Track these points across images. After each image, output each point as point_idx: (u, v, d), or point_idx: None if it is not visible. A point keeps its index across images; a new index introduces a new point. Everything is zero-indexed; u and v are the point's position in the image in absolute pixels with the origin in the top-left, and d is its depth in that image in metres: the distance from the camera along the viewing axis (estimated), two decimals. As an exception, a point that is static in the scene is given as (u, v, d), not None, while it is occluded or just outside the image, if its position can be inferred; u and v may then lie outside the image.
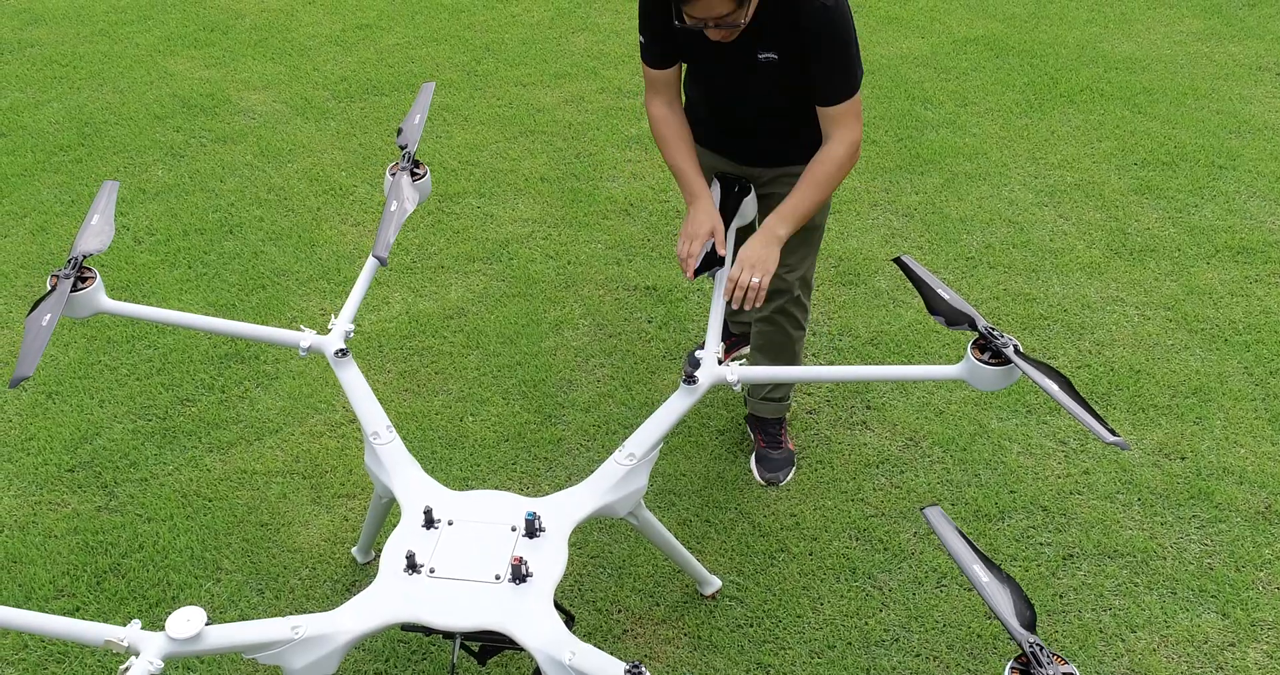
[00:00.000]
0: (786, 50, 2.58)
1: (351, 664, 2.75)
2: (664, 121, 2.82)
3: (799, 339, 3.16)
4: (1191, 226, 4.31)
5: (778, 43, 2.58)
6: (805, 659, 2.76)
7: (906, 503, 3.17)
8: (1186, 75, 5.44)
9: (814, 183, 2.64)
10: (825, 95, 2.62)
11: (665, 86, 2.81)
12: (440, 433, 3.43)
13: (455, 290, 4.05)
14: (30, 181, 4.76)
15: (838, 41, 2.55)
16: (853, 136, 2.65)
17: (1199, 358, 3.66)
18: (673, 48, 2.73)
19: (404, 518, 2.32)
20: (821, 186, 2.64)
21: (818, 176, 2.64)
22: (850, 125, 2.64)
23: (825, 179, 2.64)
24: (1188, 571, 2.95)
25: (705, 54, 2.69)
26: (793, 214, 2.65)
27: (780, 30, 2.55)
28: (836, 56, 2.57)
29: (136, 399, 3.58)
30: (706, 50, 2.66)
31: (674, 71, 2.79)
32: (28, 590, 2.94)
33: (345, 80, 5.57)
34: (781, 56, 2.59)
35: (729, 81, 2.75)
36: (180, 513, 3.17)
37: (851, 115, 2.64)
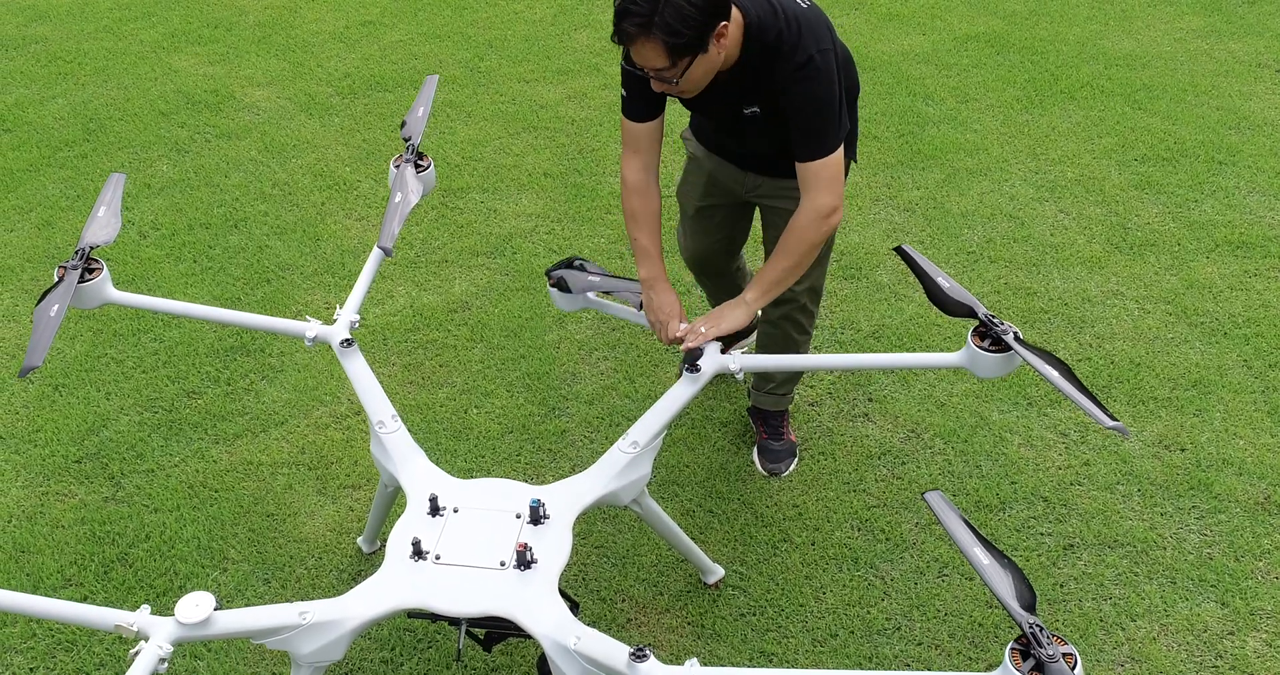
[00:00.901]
0: (768, 104, 2.51)
1: (358, 652, 2.77)
2: (637, 192, 2.69)
3: (803, 343, 3.15)
4: (1191, 221, 4.33)
5: (760, 98, 2.50)
6: (808, 647, 2.78)
7: (908, 493, 3.19)
8: (1186, 72, 5.45)
9: (783, 251, 2.57)
10: (798, 152, 2.51)
11: (646, 145, 2.66)
12: (445, 425, 3.45)
13: (459, 284, 4.08)
14: (36, 176, 4.78)
15: (810, 100, 2.43)
16: (819, 204, 2.51)
17: (1199, 351, 3.68)
18: (649, 104, 2.60)
19: (409, 505, 2.34)
20: (791, 255, 2.56)
21: (787, 245, 2.57)
22: (818, 191, 2.50)
23: (794, 248, 2.55)
24: (1187, 561, 2.97)
25: (692, 104, 2.64)
26: (762, 281, 2.60)
27: (761, 85, 2.47)
28: (807, 116, 2.45)
29: (143, 391, 3.60)
30: (701, 105, 2.60)
31: (656, 126, 2.64)
32: (36, 580, 2.97)
33: (349, 76, 5.59)
34: (763, 111, 2.53)
35: (719, 128, 2.72)
36: (187, 503, 3.19)
37: (823, 178, 2.50)
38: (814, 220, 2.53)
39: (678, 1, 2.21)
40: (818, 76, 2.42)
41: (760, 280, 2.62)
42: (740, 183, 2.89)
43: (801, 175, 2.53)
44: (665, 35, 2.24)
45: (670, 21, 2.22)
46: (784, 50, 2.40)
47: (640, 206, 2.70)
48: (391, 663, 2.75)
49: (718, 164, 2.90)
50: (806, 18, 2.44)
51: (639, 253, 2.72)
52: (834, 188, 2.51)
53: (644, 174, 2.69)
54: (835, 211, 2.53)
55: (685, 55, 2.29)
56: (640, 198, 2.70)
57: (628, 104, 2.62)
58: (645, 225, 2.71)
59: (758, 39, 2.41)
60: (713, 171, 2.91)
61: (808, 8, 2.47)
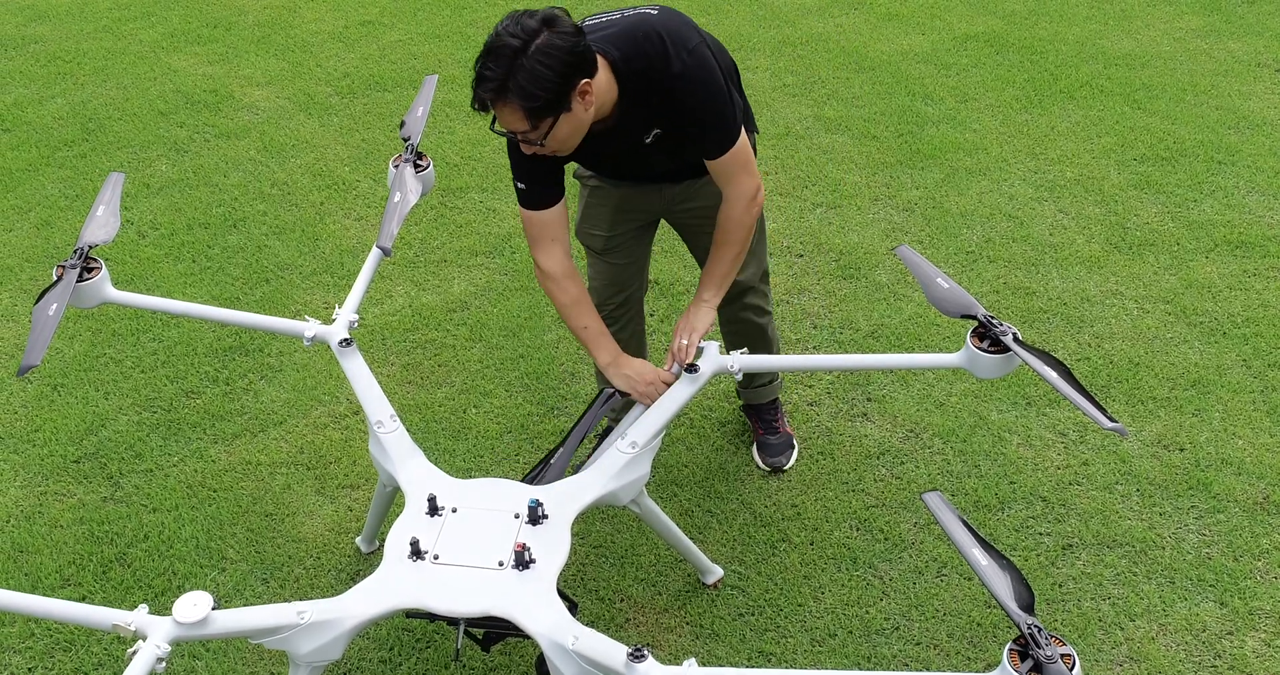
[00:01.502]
0: (669, 120, 2.49)
1: (357, 651, 2.77)
2: (567, 279, 2.62)
3: (768, 323, 3.16)
4: (1190, 221, 4.33)
5: (658, 117, 2.48)
6: (806, 647, 2.78)
7: (907, 493, 3.19)
8: (1186, 71, 5.45)
9: (723, 242, 2.64)
10: (707, 151, 2.53)
11: (557, 231, 2.60)
12: (444, 424, 3.45)
13: (458, 284, 4.08)
14: (35, 176, 4.78)
15: (701, 100, 2.44)
16: (744, 190, 2.58)
17: (1197, 350, 3.68)
18: (558, 166, 2.55)
19: (408, 505, 2.34)
20: (732, 244, 2.64)
21: (724, 237, 2.63)
22: (739, 178, 2.56)
23: (731, 238, 2.63)
24: (1186, 561, 2.97)
25: (595, 157, 2.62)
26: (712, 278, 2.66)
27: (649, 109, 2.45)
28: (703, 115, 2.46)
29: (141, 391, 3.60)
30: (594, 155, 2.57)
31: (561, 209, 2.60)
32: (34, 579, 2.97)
33: (348, 76, 5.59)
34: (666, 128, 2.50)
35: (632, 161, 2.67)
36: (185, 503, 3.19)
37: (738, 166, 2.55)
38: (744, 206, 2.60)
39: (531, 64, 2.18)
40: (698, 75, 2.41)
41: (711, 277, 2.67)
42: (659, 197, 2.83)
43: (718, 171, 2.57)
44: (521, 99, 2.21)
45: (525, 85, 2.19)
46: (658, 67, 2.39)
47: (576, 293, 2.65)
48: (390, 662, 2.75)
49: (629, 187, 2.83)
50: (664, 25, 2.41)
51: (590, 339, 2.67)
52: (750, 170, 2.58)
53: (566, 261, 2.62)
54: (759, 191, 2.61)
55: (545, 116, 2.26)
56: (572, 284, 2.64)
57: (527, 196, 2.56)
58: (587, 309, 2.67)
59: (628, 73, 2.38)
60: (623, 197, 2.85)
61: (658, 13, 2.44)
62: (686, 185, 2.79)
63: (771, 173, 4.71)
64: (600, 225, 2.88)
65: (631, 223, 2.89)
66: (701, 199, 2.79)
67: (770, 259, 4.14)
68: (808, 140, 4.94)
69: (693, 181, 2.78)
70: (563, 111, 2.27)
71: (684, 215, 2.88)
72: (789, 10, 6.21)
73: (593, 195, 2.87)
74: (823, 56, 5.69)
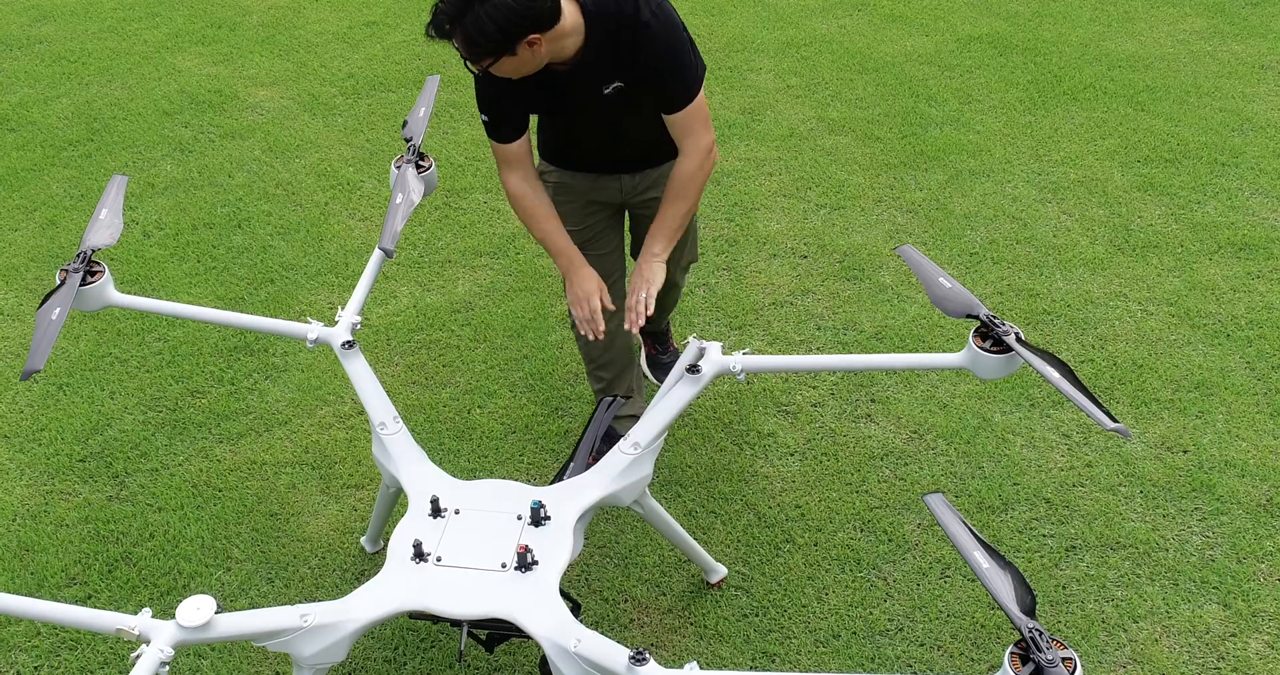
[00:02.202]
0: (629, 74, 2.57)
1: (361, 652, 2.78)
2: (525, 197, 2.77)
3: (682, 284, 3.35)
4: (1194, 223, 4.33)
5: (618, 70, 2.57)
6: (810, 648, 2.78)
7: (910, 495, 3.19)
8: (1189, 73, 5.45)
9: (677, 197, 2.71)
10: (665, 104, 2.63)
11: (519, 161, 2.75)
12: (448, 425, 3.46)
13: (462, 284, 4.08)
14: (40, 176, 4.79)
15: (665, 48, 2.55)
16: (702, 144, 2.68)
17: (1201, 352, 3.68)
18: (520, 111, 2.68)
19: (410, 507, 2.35)
20: (686, 199, 2.71)
21: (678, 191, 2.71)
22: (697, 132, 2.66)
23: (685, 192, 2.70)
24: (1189, 563, 2.97)
25: (557, 103, 2.68)
26: (663, 231, 2.72)
27: (614, 57, 2.54)
28: (666, 65, 2.56)
29: (146, 391, 3.61)
30: (557, 99, 2.65)
31: (525, 143, 2.74)
32: (40, 578, 2.98)
33: (352, 77, 5.60)
34: (627, 82, 2.59)
35: (587, 119, 2.75)
36: (190, 502, 3.20)
37: (697, 120, 2.65)
38: (700, 160, 2.69)
39: (480, 14, 2.31)
40: (664, 26, 2.53)
41: (661, 231, 2.73)
42: (618, 189, 2.93)
43: (677, 123, 2.66)
44: (464, 43, 2.37)
45: (470, 31, 2.33)
46: (627, 13, 2.50)
47: (533, 207, 2.78)
48: (394, 662, 2.76)
49: (590, 181, 2.92)
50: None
51: (552, 248, 2.79)
52: (708, 125, 2.69)
53: (526, 184, 2.77)
54: (714, 145, 2.72)
55: (486, 57, 2.40)
56: (529, 201, 2.78)
57: (492, 128, 2.71)
58: (547, 221, 2.79)
59: (599, 21, 2.50)
60: (586, 191, 2.94)
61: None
62: (644, 175, 2.92)
63: (775, 174, 4.71)
64: (573, 221, 2.95)
65: (600, 214, 2.99)
66: (660, 188, 2.89)
67: (774, 260, 4.15)
68: (811, 141, 4.94)
69: (649, 171, 2.91)
70: (505, 55, 2.39)
71: (643, 206, 2.99)
72: (793, 12, 6.21)
73: (558, 193, 2.94)
74: (826, 58, 5.69)
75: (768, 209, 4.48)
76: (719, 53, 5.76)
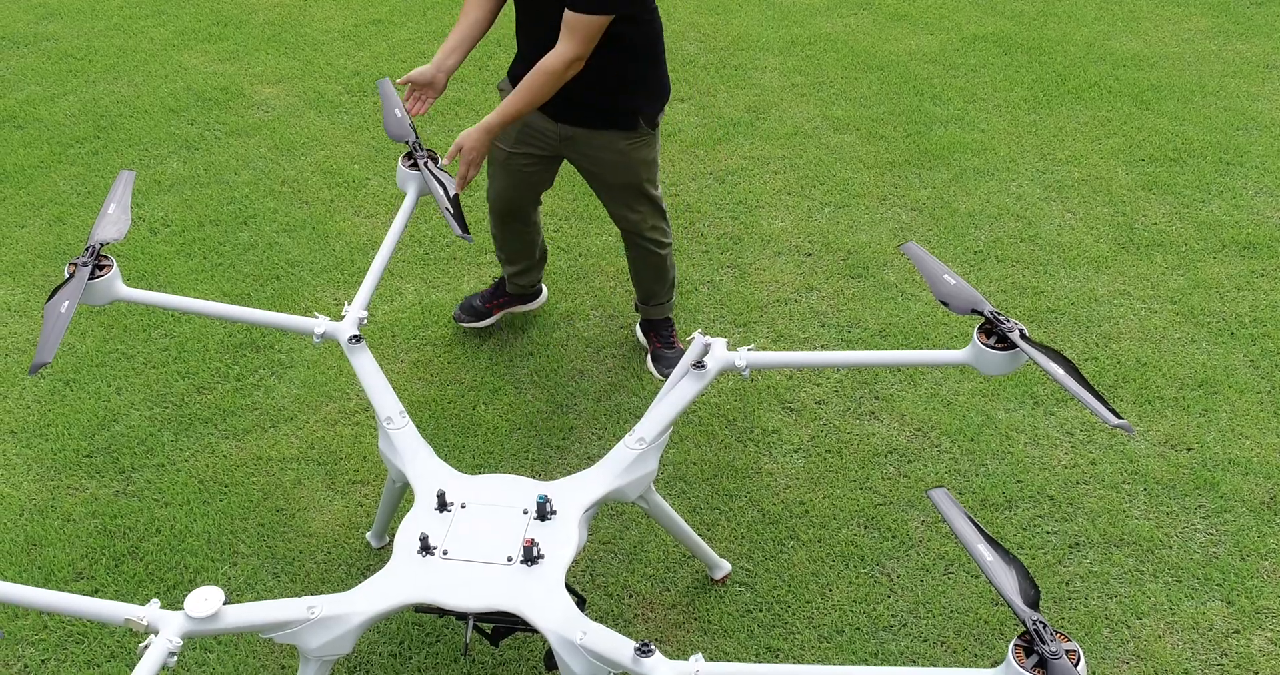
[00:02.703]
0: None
1: (366, 646, 2.79)
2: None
3: (667, 255, 3.51)
4: (1198, 222, 4.33)
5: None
6: (814, 643, 2.79)
7: (915, 491, 3.20)
8: (1194, 73, 5.45)
9: (524, 86, 2.89)
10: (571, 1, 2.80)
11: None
12: (453, 421, 3.47)
13: (468, 281, 4.09)
14: (46, 173, 4.81)
15: None
16: (569, 52, 2.83)
17: (1205, 351, 3.69)
18: None
19: (417, 501, 2.36)
20: (530, 90, 2.88)
21: (527, 82, 2.88)
22: (573, 40, 2.82)
23: (532, 85, 2.88)
24: (1193, 560, 2.98)
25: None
26: (502, 111, 2.92)
27: None
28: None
29: (153, 386, 3.63)
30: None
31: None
32: (47, 572, 2.99)
33: (358, 75, 5.61)
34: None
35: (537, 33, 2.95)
36: (197, 498, 3.22)
37: (583, 31, 2.81)
38: (560, 65, 2.84)
39: None
40: None
41: (502, 110, 2.92)
42: (555, 132, 3.17)
43: (567, 22, 2.82)
44: None
45: None
46: None
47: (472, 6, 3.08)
48: (400, 656, 2.77)
49: (535, 114, 3.12)
50: None
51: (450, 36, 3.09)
52: (589, 43, 2.84)
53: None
54: (579, 61, 2.86)
55: None
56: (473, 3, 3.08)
57: None
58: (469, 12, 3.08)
59: None
60: (529, 120, 3.16)
61: None
62: (579, 132, 3.14)
63: (779, 172, 4.72)
64: (505, 140, 3.24)
65: (533, 147, 3.24)
66: (595, 150, 3.17)
67: (778, 258, 4.16)
68: (816, 140, 4.95)
69: (585, 131, 3.13)
70: None
71: (581, 159, 3.25)
72: (797, 10, 6.22)
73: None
74: (831, 56, 5.70)
75: (772, 207, 4.49)
76: (724, 51, 5.77)
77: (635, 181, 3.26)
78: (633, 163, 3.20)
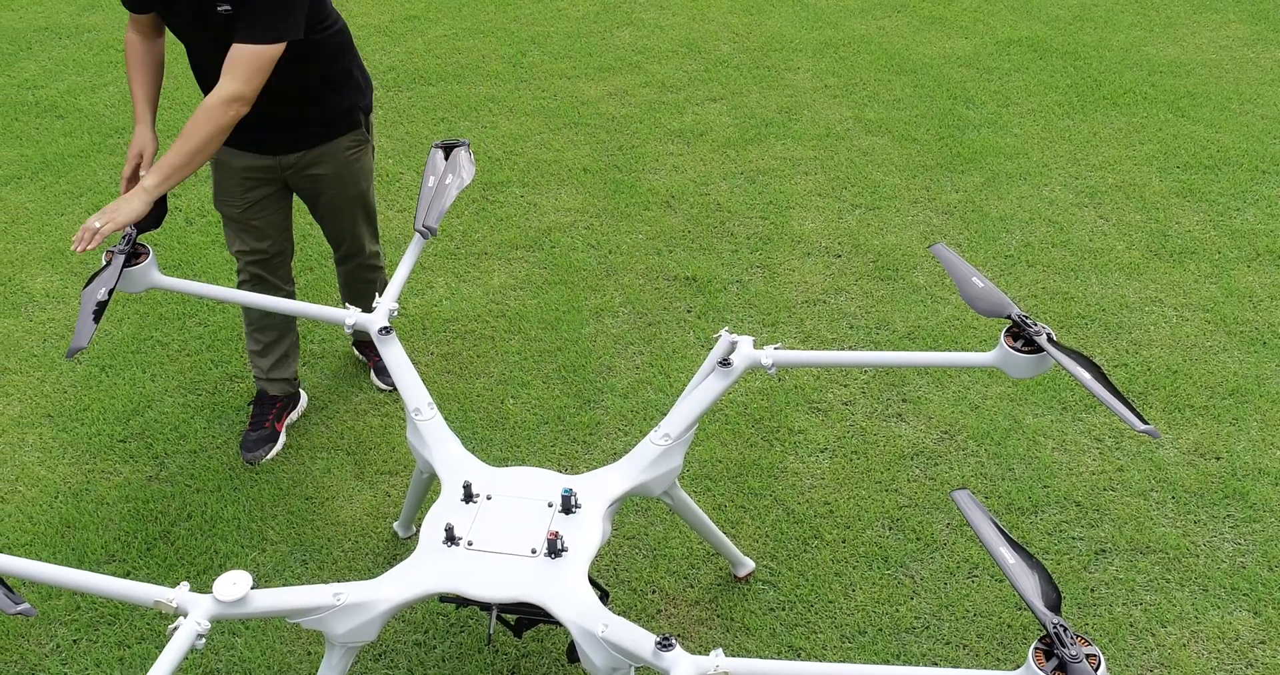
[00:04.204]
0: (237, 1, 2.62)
1: (391, 635, 2.82)
2: (131, 49, 2.89)
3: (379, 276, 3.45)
4: (1233, 230, 4.30)
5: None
6: (836, 643, 2.80)
7: (940, 494, 3.20)
8: (1231, 80, 5.41)
9: (183, 135, 2.64)
10: (240, 31, 2.61)
11: (142, 22, 2.86)
12: (481, 414, 3.49)
13: (498, 276, 4.12)
14: (86, 162, 4.88)
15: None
16: (238, 90, 2.61)
17: (1237, 360, 3.66)
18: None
19: (444, 492, 2.38)
20: (189, 138, 2.63)
21: (186, 128, 2.64)
22: (241, 76, 2.61)
23: (192, 131, 2.62)
24: (1220, 570, 2.96)
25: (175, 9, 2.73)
26: (163, 168, 2.64)
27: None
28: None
29: (187, 374, 3.68)
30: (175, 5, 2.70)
31: (151, 20, 2.84)
32: (81, 554, 3.04)
33: (393, 70, 5.65)
34: (235, 5, 2.61)
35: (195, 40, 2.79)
36: (228, 484, 3.26)
37: (251, 65, 2.60)
38: (223, 103, 2.62)
39: None
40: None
41: (161, 167, 2.64)
42: (277, 167, 3.01)
43: (233, 56, 2.61)
44: None
45: None
46: None
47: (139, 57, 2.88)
48: (424, 645, 2.80)
49: (247, 159, 3.00)
50: None
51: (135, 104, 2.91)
52: (254, 80, 2.63)
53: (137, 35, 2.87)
54: (244, 102, 2.64)
55: None
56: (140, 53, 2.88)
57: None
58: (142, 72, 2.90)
59: None
60: (244, 168, 3.01)
61: None
62: (302, 154, 3.00)
63: (811, 173, 4.72)
64: (233, 196, 3.07)
65: (260, 190, 3.06)
66: (323, 167, 3.04)
67: (808, 259, 4.16)
68: (848, 141, 4.95)
69: (309, 150, 3.00)
70: None
71: (306, 181, 3.08)
72: (832, 12, 6.21)
73: (217, 170, 3.07)
74: (865, 58, 5.69)
75: (803, 207, 4.49)
76: (757, 51, 5.78)
77: (359, 191, 3.17)
78: (354, 172, 3.12)
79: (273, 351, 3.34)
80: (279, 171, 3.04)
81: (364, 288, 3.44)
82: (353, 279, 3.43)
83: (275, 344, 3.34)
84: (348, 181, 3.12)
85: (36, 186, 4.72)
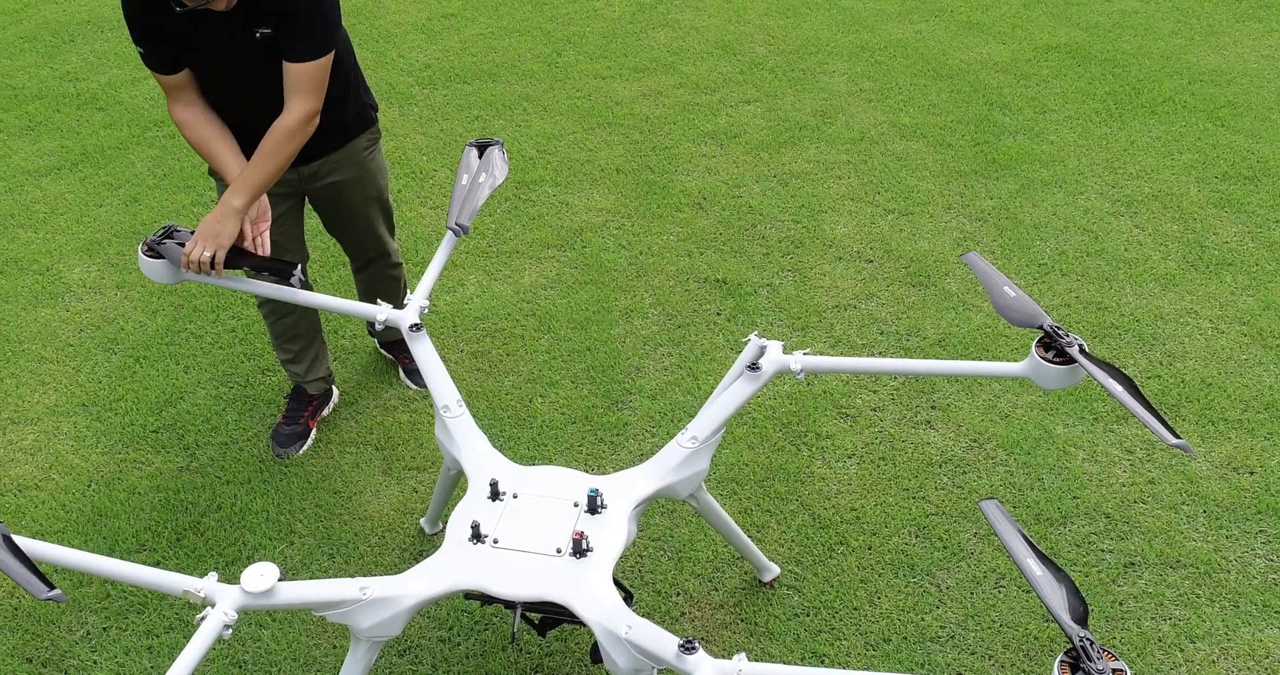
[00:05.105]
0: (278, 17, 2.63)
1: (416, 631, 2.83)
2: (191, 125, 2.80)
3: (400, 274, 3.46)
4: (1271, 242, 4.25)
5: (269, 14, 2.62)
6: (860, 650, 2.79)
7: (968, 503, 3.18)
8: (1273, 90, 5.34)
9: (265, 153, 2.69)
10: (295, 51, 2.65)
11: (182, 89, 2.77)
12: (509, 412, 3.51)
13: (529, 275, 4.13)
14: (125, 154, 4.93)
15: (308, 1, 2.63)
16: (307, 108, 2.70)
17: (1273, 374, 3.62)
18: (171, 51, 2.71)
19: (470, 489, 2.39)
20: (273, 156, 2.69)
21: (268, 147, 2.69)
22: (308, 93, 2.69)
23: (275, 149, 2.69)
24: (1252, 586, 2.93)
25: (204, 47, 2.69)
26: (248, 185, 2.69)
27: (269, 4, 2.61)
28: (306, 15, 2.63)
29: (219, 367, 3.71)
30: (204, 43, 2.68)
31: (186, 75, 2.76)
32: (112, 543, 3.08)
33: (429, 67, 5.68)
34: (275, 28, 2.64)
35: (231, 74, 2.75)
36: (258, 477, 3.29)
37: (314, 81, 2.68)
38: (302, 122, 2.70)
39: None
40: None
41: (247, 185, 2.69)
42: (295, 177, 2.99)
43: (293, 77, 2.68)
44: None
45: None
46: None
47: (202, 133, 2.79)
48: (449, 642, 2.81)
49: None
50: None
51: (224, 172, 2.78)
52: (320, 93, 2.72)
53: (189, 110, 2.79)
54: (316, 116, 2.74)
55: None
56: (197, 128, 2.79)
57: (150, 59, 2.73)
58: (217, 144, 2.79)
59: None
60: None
61: None
62: (321, 162, 3.00)
63: (844, 177, 4.70)
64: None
65: (281, 205, 3.03)
66: (343, 172, 3.04)
67: (839, 263, 4.15)
68: (882, 146, 4.93)
69: (327, 158, 3.00)
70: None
71: (327, 190, 3.08)
72: (869, 16, 6.19)
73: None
74: (901, 63, 5.66)
75: (835, 212, 4.47)
76: (792, 55, 5.76)
77: (378, 191, 3.18)
78: (372, 171, 3.13)
79: (304, 358, 3.37)
80: (300, 183, 3.03)
81: (389, 287, 3.43)
82: (374, 282, 3.42)
83: (304, 351, 3.36)
84: (367, 183, 3.13)
85: (76, 177, 4.78)
